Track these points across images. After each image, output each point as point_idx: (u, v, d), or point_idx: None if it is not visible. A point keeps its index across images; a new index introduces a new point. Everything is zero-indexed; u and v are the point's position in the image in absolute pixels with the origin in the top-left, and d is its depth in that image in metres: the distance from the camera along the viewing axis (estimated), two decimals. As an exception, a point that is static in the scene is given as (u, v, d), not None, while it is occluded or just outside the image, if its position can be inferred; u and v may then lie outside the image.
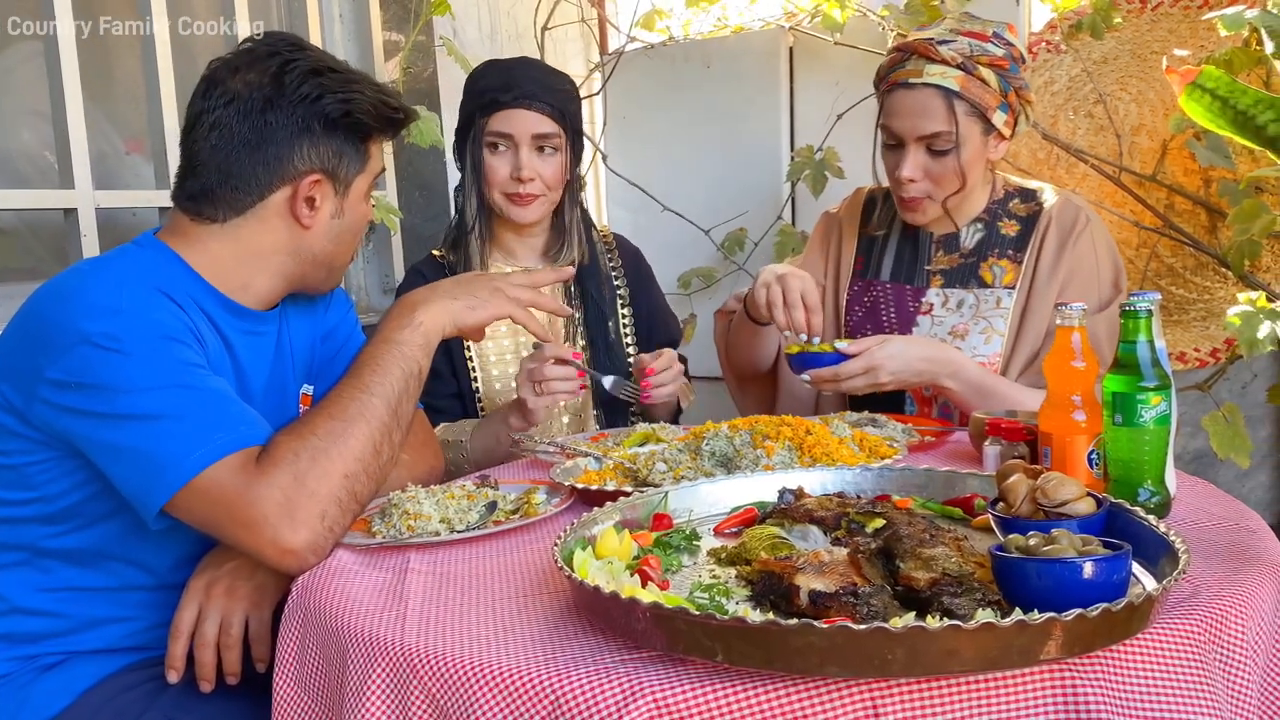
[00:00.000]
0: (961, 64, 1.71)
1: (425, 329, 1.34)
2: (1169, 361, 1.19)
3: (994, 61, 1.72)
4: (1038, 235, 1.83)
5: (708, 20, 2.97)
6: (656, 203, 2.85)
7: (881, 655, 0.76)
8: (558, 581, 1.08)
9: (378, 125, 1.37)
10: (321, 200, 1.34)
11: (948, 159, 1.75)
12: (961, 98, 1.72)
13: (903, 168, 1.77)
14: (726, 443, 1.45)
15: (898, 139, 1.78)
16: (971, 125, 1.74)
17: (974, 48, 1.72)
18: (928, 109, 1.73)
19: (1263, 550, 1.04)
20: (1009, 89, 1.74)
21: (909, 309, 1.89)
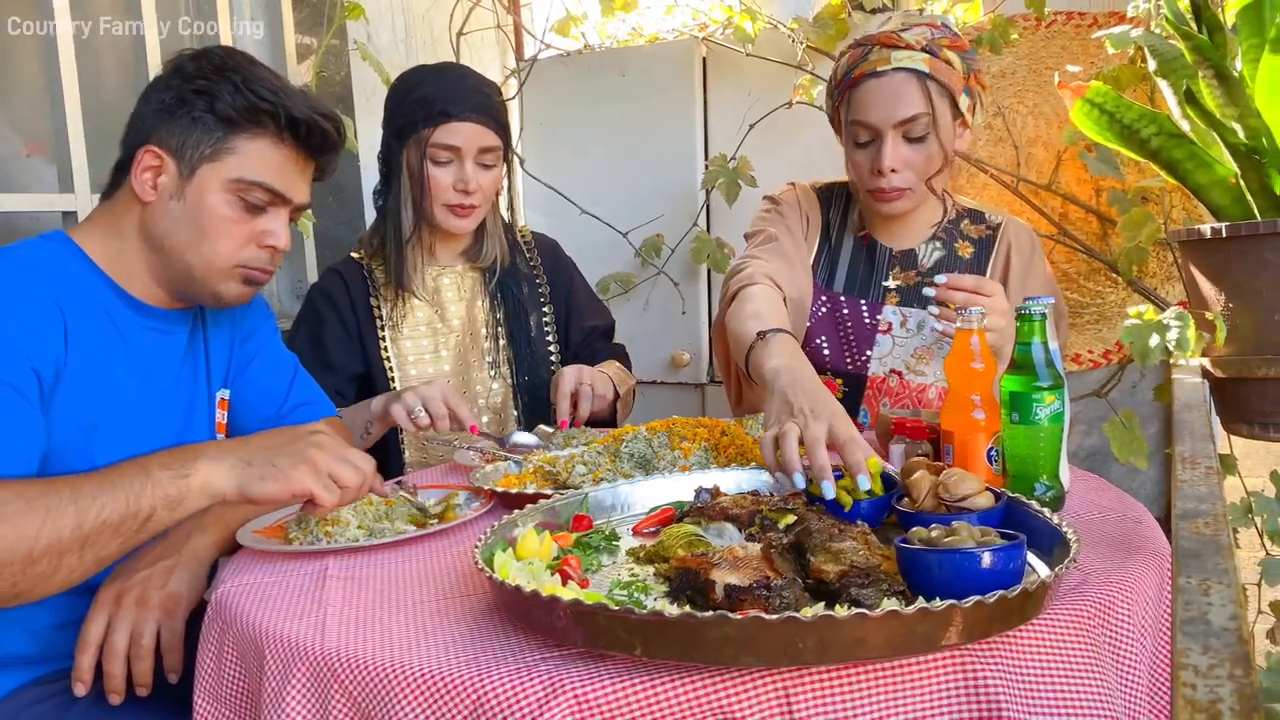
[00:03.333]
0: (926, 47, 1.68)
1: (194, 484, 1.16)
2: (1062, 362, 1.25)
3: (955, 44, 1.71)
4: (998, 258, 1.82)
5: (623, 29, 3.00)
6: (574, 206, 2.87)
7: (793, 644, 0.80)
8: (479, 583, 1.09)
9: (242, 119, 1.31)
10: (161, 175, 1.32)
11: (924, 144, 1.70)
12: (933, 78, 1.67)
13: (883, 158, 1.69)
14: (645, 445, 1.48)
15: (873, 131, 1.71)
16: (944, 107, 1.70)
17: (933, 33, 1.70)
18: (902, 93, 1.67)
19: (1147, 540, 1.11)
20: (970, 72, 1.72)
21: (866, 325, 1.83)
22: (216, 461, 1.18)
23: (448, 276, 2.01)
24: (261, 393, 1.55)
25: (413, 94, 1.88)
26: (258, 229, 1.36)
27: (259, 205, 1.35)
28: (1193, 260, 1.34)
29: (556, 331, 2.08)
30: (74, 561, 1.10)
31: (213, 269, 1.36)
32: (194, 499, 1.16)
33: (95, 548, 1.11)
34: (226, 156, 1.32)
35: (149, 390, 1.37)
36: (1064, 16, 2.32)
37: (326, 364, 1.91)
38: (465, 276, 2.02)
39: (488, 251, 2.01)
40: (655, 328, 2.83)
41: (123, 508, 1.12)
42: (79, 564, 1.11)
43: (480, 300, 2.02)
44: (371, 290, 1.97)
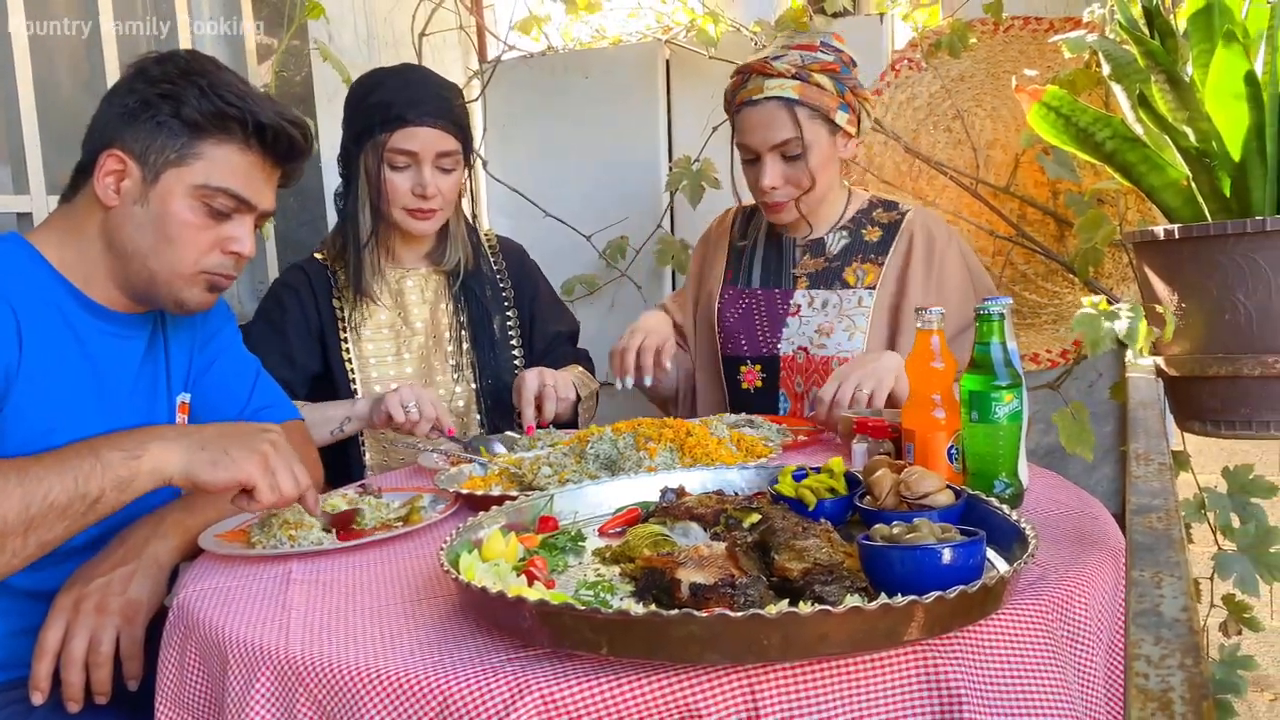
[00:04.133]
0: (796, 74, 1.84)
1: (144, 465, 1.15)
2: (1020, 362, 1.27)
3: (826, 67, 1.86)
4: (901, 240, 1.96)
5: (586, 31, 3.00)
6: (538, 209, 2.86)
7: (758, 641, 0.81)
8: (444, 585, 1.09)
9: (209, 124, 1.30)
10: (124, 180, 1.31)
11: (800, 162, 1.88)
12: (802, 104, 1.84)
13: (763, 178, 1.89)
14: (611, 446, 1.48)
15: (754, 153, 1.90)
16: (816, 128, 1.87)
17: (805, 58, 1.86)
18: (774, 120, 1.85)
19: (1104, 536, 1.13)
20: (844, 90, 1.88)
21: (779, 311, 1.99)
22: (169, 444, 1.18)
23: (411, 279, 2.00)
24: (223, 396, 1.53)
25: (370, 98, 1.87)
26: (222, 235, 1.35)
27: (224, 212, 1.34)
28: (1146, 261, 1.37)
29: (520, 335, 2.08)
30: (18, 545, 1.10)
31: (176, 275, 1.34)
32: (143, 480, 1.16)
33: (40, 531, 1.11)
34: (192, 162, 1.31)
35: (107, 395, 1.35)
36: (1021, 21, 2.35)
37: (286, 356, 1.90)
38: (429, 279, 2.02)
39: (451, 254, 2.00)
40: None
41: (71, 489, 1.12)
42: (22, 548, 1.11)
43: (444, 303, 2.01)
44: (334, 291, 1.96)
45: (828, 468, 1.24)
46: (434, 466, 1.63)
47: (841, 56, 1.90)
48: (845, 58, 1.90)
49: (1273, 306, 1.24)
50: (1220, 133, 1.28)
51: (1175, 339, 1.30)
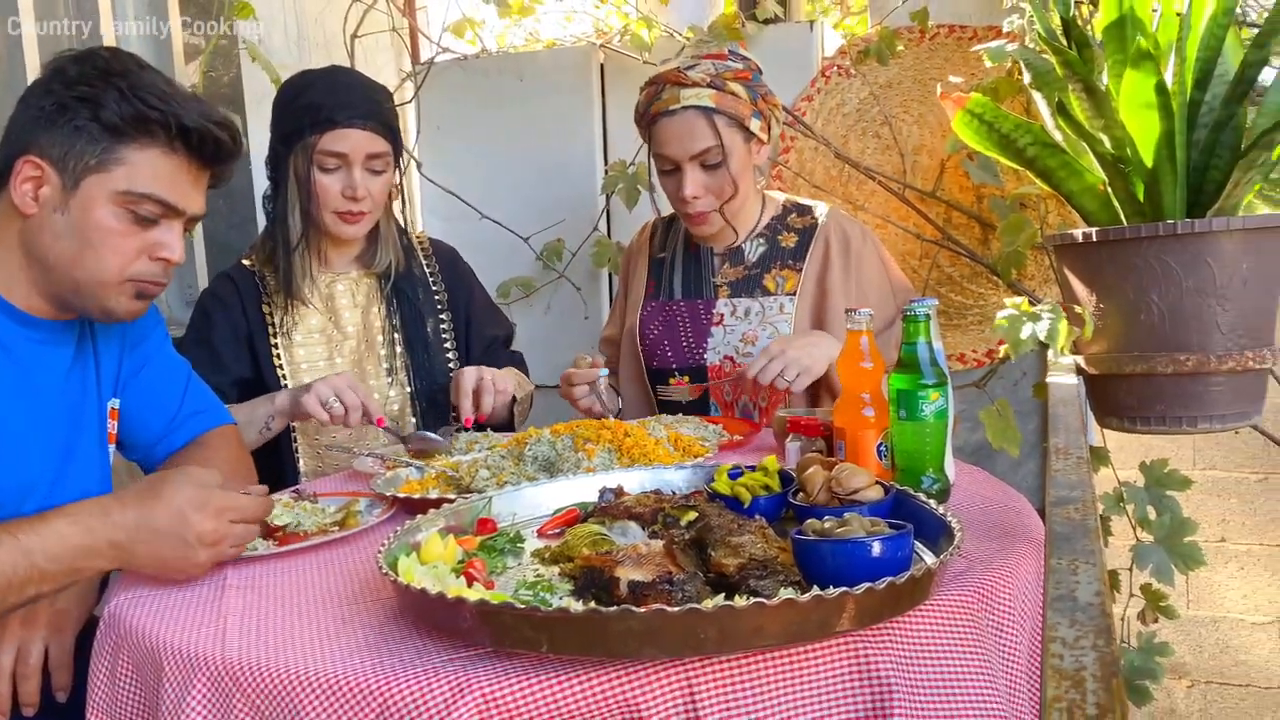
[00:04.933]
0: (711, 82, 1.85)
1: None
2: (946, 361, 1.31)
3: (738, 75, 1.88)
4: (818, 244, 1.99)
5: (519, 34, 3.01)
6: (474, 211, 2.86)
7: (695, 635, 0.82)
8: (383, 588, 1.09)
9: (130, 128, 1.26)
10: (43, 187, 1.26)
11: (721, 171, 1.89)
12: (719, 112, 1.85)
13: (684, 188, 1.89)
14: (549, 447, 1.49)
15: (673, 163, 1.90)
16: (734, 136, 1.88)
17: (717, 66, 1.88)
18: (693, 129, 1.86)
19: (1027, 528, 1.17)
20: (756, 97, 1.90)
21: (703, 321, 2.00)
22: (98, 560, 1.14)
23: (342, 283, 1.99)
24: (154, 401, 1.51)
25: (298, 100, 1.86)
26: (149, 241, 1.30)
27: (150, 218, 1.29)
28: (1066, 263, 1.41)
29: (455, 338, 2.08)
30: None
31: (101, 284, 1.29)
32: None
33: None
34: (114, 167, 1.26)
35: (33, 403, 1.32)
36: (946, 30, 2.41)
37: (216, 365, 1.88)
38: (360, 283, 2.00)
39: (382, 257, 1.99)
40: (557, 332, 2.84)
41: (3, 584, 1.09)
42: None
43: (376, 306, 2.00)
44: (264, 297, 1.94)
45: (762, 466, 1.27)
46: (370, 471, 1.63)
47: (750, 64, 1.92)
48: (754, 65, 1.93)
49: (1184, 307, 1.29)
50: (1134, 140, 1.33)
51: (1094, 339, 1.35)
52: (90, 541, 1.11)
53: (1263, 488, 3.70)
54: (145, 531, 1.13)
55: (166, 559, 1.14)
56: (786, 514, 1.20)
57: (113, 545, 1.12)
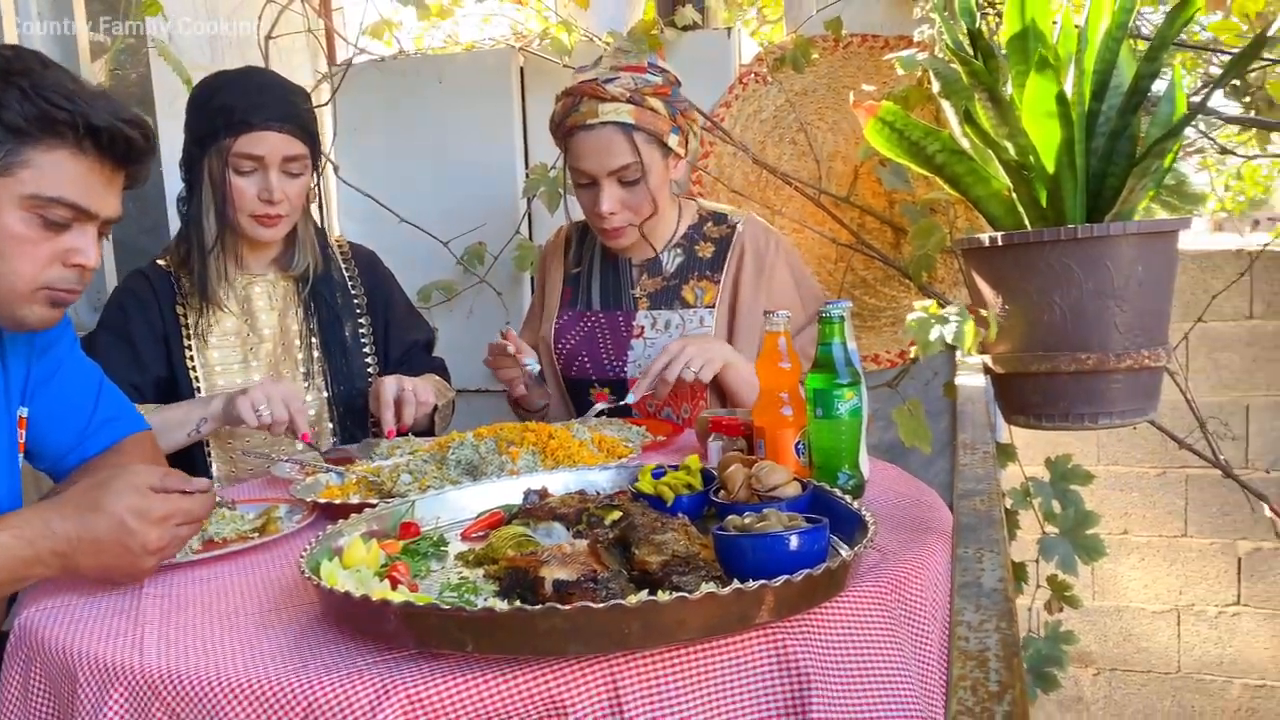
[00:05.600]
0: (630, 98, 1.84)
1: None
2: (861, 362, 1.35)
3: (658, 90, 1.87)
4: (733, 255, 2.00)
5: (438, 36, 2.99)
6: (392, 214, 2.83)
7: (619, 630, 0.84)
8: (305, 593, 1.08)
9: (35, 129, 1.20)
10: None
11: (638, 187, 1.88)
12: (638, 129, 1.84)
13: (601, 203, 1.88)
14: (472, 451, 1.49)
15: (590, 178, 1.89)
16: (652, 152, 1.87)
17: (637, 81, 1.86)
18: (611, 145, 1.84)
19: (937, 521, 1.21)
20: (675, 112, 1.90)
21: (622, 333, 2.00)
22: None
23: (259, 285, 1.96)
24: (65, 408, 1.46)
25: (213, 101, 1.83)
26: (62, 247, 1.24)
27: (61, 222, 1.23)
28: (974, 266, 1.46)
29: (374, 342, 2.06)
30: None
31: (12, 293, 1.24)
32: None
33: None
34: (19, 171, 1.20)
35: None
36: (859, 39, 2.48)
37: (134, 361, 1.83)
38: (277, 285, 1.98)
39: (300, 260, 1.97)
40: (479, 336, 2.82)
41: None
42: None
43: (293, 309, 1.98)
44: (179, 298, 1.90)
45: (685, 465, 1.29)
46: (288, 476, 1.61)
47: (669, 77, 1.91)
48: (672, 78, 1.92)
49: (1085, 308, 1.34)
50: (1036, 147, 1.39)
51: (1000, 339, 1.40)
52: (32, 553, 1.10)
53: (1161, 482, 3.87)
54: (88, 543, 1.11)
55: (111, 567, 1.13)
56: (709, 511, 1.23)
57: (55, 554, 1.11)
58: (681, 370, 1.73)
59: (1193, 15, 1.38)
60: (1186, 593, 3.90)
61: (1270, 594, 3.78)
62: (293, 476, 1.60)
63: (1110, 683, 3.99)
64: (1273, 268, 3.68)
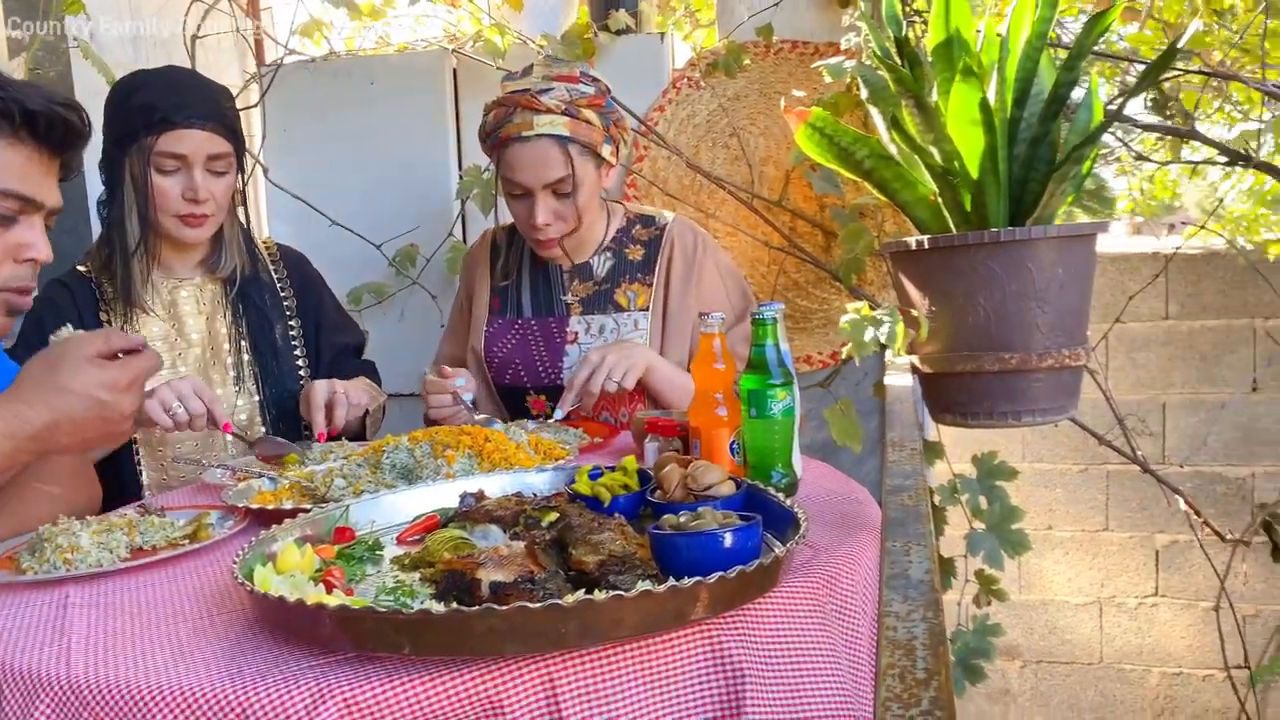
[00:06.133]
0: (566, 110, 1.84)
1: None
2: (793, 362, 1.38)
3: (592, 101, 1.87)
4: (663, 258, 2.01)
5: (370, 37, 2.96)
6: (324, 217, 2.80)
7: (556, 630, 0.85)
8: (238, 599, 1.07)
9: None
10: None
11: (572, 197, 1.87)
12: (573, 141, 1.84)
13: (536, 215, 1.87)
14: (407, 454, 1.48)
15: (524, 189, 1.88)
16: (586, 164, 1.87)
17: (571, 92, 1.86)
18: (547, 158, 1.84)
19: (867, 517, 1.24)
20: (609, 123, 1.90)
21: (556, 340, 1.99)
22: None
23: (185, 289, 1.93)
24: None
25: (133, 99, 1.79)
26: (11, 243, 1.22)
27: (8, 215, 1.21)
28: (901, 269, 1.50)
29: (305, 344, 2.04)
30: None
31: None
32: None
33: None
34: None
35: None
36: (790, 45, 2.51)
37: None
38: (204, 288, 1.95)
39: (227, 261, 1.94)
40: (412, 339, 2.81)
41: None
42: None
43: (221, 312, 1.95)
44: (101, 305, 1.86)
45: (621, 466, 1.30)
46: (220, 483, 1.58)
47: (600, 86, 1.91)
48: (604, 87, 1.92)
49: (1008, 309, 1.38)
50: (961, 153, 1.43)
51: (928, 340, 1.43)
52: (12, 446, 1.13)
53: (1083, 478, 3.98)
54: (65, 424, 1.15)
55: (91, 440, 1.18)
56: (645, 511, 1.24)
57: (34, 440, 1.14)
58: (604, 380, 1.74)
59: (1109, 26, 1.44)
60: (1108, 585, 4.02)
61: (1185, 585, 3.92)
62: (224, 483, 1.57)
63: (1036, 674, 4.10)
64: (1187, 269, 3.82)
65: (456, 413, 1.87)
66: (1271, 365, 3.70)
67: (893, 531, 0.77)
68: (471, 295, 2.13)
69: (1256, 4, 2.91)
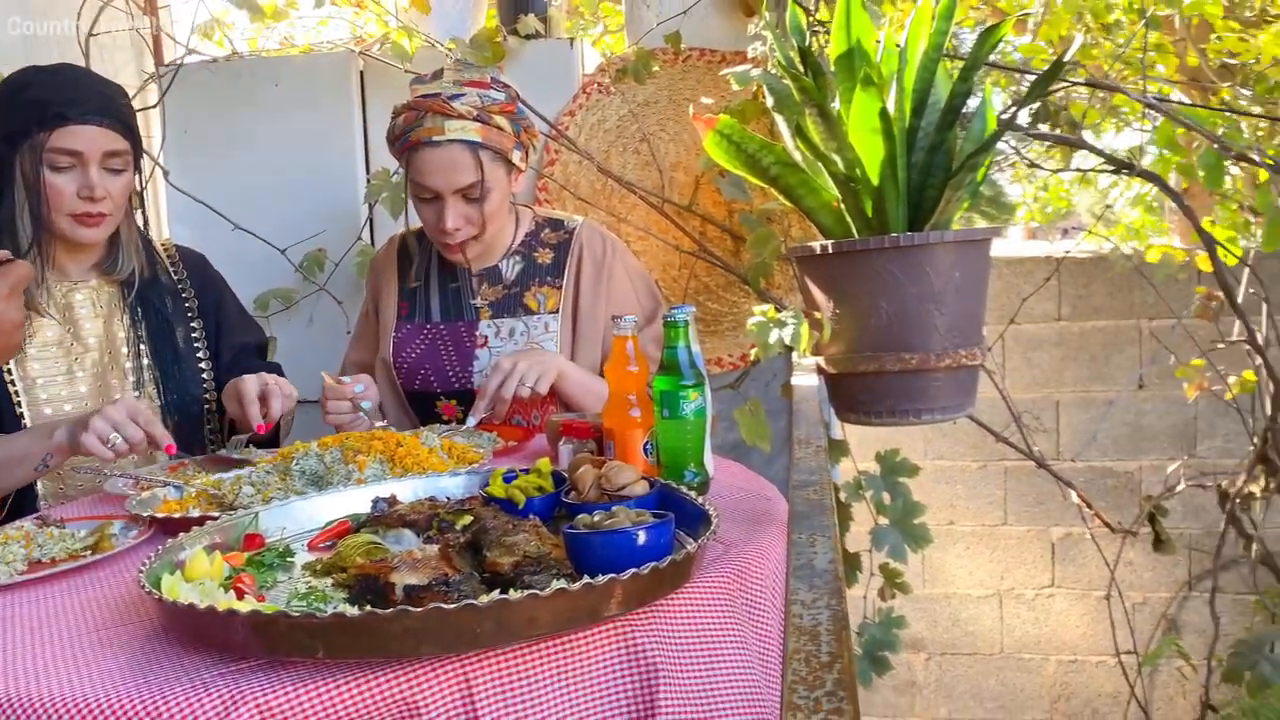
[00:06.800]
0: (478, 116, 1.84)
1: None
2: (705, 364, 1.41)
3: (504, 108, 1.88)
4: (572, 261, 2.03)
5: (274, 38, 2.92)
6: (226, 221, 2.74)
7: (471, 630, 0.86)
8: (144, 609, 1.05)
9: None
10: None
11: (482, 204, 1.88)
12: (485, 147, 1.85)
13: (445, 220, 1.87)
14: (317, 461, 1.47)
15: (434, 193, 1.87)
16: (497, 169, 1.88)
17: (483, 98, 1.86)
18: (458, 163, 1.84)
19: (776, 513, 1.27)
20: (520, 130, 1.91)
21: (466, 344, 1.99)
22: None
23: (81, 292, 1.87)
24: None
25: (22, 95, 1.74)
26: None
27: None
28: (807, 273, 1.54)
29: (207, 346, 2.00)
30: None
31: None
32: None
33: None
34: None
35: None
36: (698, 53, 2.55)
37: None
38: (101, 291, 1.89)
39: (124, 263, 1.89)
40: (320, 345, 2.77)
41: None
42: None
43: (119, 316, 1.90)
44: (-9, 309, 1.79)
45: (536, 468, 1.31)
46: (122, 492, 1.54)
47: (511, 93, 1.92)
48: (513, 93, 1.93)
49: (908, 311, 1.43)
50: (862, 161, 1.47)
51: (832, 341, 1.48)
52: None
53: (982, 474, 4.12)
54: None
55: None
56: (560, 513, 1.25)
57: None
58: (517, 386, 1.75)
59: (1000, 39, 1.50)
60: (1007, 577, 4.17)
61: (1079, 576, 4.08)
62: (126, 492, 1.53)
63: (941, 666, 4.23)
64: (1078, 273, 3.99)
65: (356, 419, 1.85)
66: (1156, 364, 3.89)
67: (799, 524, 0.80)
68: (378, 301, 2.11)
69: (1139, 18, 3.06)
